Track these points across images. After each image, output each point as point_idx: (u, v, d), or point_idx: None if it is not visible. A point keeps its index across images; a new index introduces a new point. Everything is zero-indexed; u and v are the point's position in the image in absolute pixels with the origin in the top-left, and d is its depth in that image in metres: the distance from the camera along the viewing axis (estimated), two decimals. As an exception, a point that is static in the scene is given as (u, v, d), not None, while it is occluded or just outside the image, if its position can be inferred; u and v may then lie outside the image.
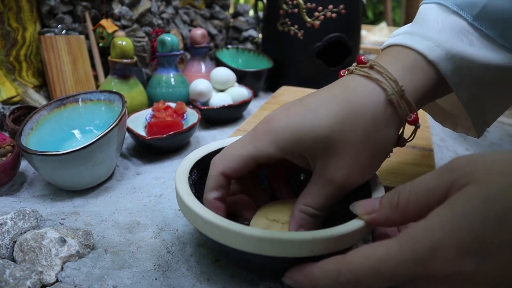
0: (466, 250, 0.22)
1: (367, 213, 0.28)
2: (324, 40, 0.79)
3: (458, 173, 0.24)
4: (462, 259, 0.22)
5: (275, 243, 0.27)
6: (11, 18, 0.61)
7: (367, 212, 0.28)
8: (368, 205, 0.29)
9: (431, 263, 0.22)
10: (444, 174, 0.25)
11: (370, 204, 0.29)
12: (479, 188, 0.23)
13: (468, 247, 0.22)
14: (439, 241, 0.22)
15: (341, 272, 0.25)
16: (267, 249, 0.27)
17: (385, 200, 0.28)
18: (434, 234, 0.23)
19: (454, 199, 0.23)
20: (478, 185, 0.23)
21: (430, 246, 0.22)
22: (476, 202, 0.22)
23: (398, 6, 3.28)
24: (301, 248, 0.27)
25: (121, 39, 0.62)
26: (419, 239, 0.23)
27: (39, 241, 0.33)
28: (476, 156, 0.25)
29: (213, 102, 0.67)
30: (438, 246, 0.22)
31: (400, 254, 0.23)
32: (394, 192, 0.27)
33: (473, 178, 0.23)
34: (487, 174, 0.23)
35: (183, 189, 0.32)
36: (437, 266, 0.22)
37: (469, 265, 0.22)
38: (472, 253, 0.22)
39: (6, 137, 0.50)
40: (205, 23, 0.97)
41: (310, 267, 0.27)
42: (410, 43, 0.32)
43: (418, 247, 0.23)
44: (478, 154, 0.25)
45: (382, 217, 0.28)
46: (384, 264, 0.24)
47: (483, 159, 0.24)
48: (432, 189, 0.25)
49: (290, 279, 0.29)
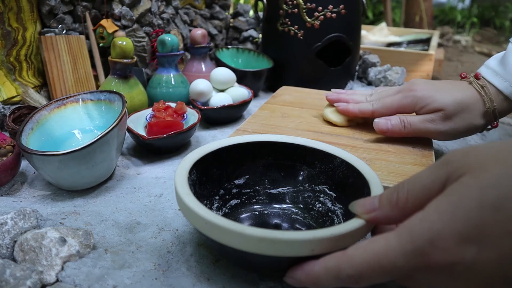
0: (464, 239, 0.22)
1: (366, 212, 0.28)
2: (324, 40, 0.79)
3: (453, 166, 0.24)
4: (461, 248, 0.22)
5: (276, 243, 0.27)
6: (11, 18, 0.61)
7: (366, 211, 0.28)
8: (367, 204, 0.29)
9: (430, 254, 0.23)
10: (440, 168, 0.25)
11: (369, 203, 0.29)
12: (474, 177, 0.23)
13: (466, 235, 0.22)
14: (437, 231, 0.23)
15: (342, 268, 0.25)
16: (268, 249, 0.27)
17: (384, 198, 0.28)
18: (432, 225, 0.23)
19: (450, 189, 0.24)
20: (472, 174, 0.23)
21: (428, 237, 0.23)
22: (472, 191, 0.22)
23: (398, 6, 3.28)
24: (301, 247, 0.27)
25: (121, 39, 0.62)
26: (418, 230, 0.23)
27: (39, 241, 0.34)
28: (469, 148, 0.25)
29: (213, 102, 0.67)
30: (437, 237, 0.23)
31: (400, 246, 0.24)
32: (393, 190, 0.27)
33: (467, 169, 0.24)
34: (481, 164, 0.23)
35: (183, 189, 0.32)
36: (437, 256, 0.23)
37: (468, 254, 0.22)
38: (471, 242, 0.22)
39: (7, 137, 0.50)
40: (205, 23, 0.97)
41: (311, 265, 0.27)
42: (493, 82, 0.49)
43: (417, 238, 0.23)
44: (471, 146, 0.25)
45: (382, 215, 0.28)
46: (385, 257, 0.24)
47: (476, 150, 0.25)
48: (429, 184, 0.25)
49: (291, 278, 0.29)
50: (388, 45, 1.37)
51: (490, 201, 0.22)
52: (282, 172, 0.42)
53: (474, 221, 0.22)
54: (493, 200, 0.22)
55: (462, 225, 0.22)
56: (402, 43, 1.41)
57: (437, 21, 3.53)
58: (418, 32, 1.50)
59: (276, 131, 0.55)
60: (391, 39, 1.43)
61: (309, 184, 0.41)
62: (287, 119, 0.59)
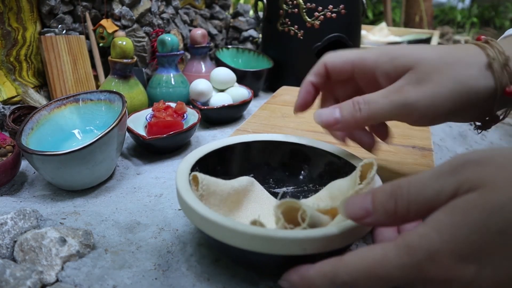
0: (464, 258, 0.22)
1: (357, 218, 0.26)
2: (324, 40, 0.79)
3: (463, 176, 0.23)
4: (460, 266, 0.22)
5: (268, 241, 0.27)
6: (11, 18, 0.61)
7: (357, 217, 0.26)
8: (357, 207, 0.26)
9: (428, 269, 0.22)
10: (447, 177, 0.24)
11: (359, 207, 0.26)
12: (484, 198, 0.22)
13: (466, 255, 0.22)
14: (436, 249, 0.22)
15: (337, 274, 0.25)
16: (261, 246, 0.27)
17: (379, 204, 0.26)
18: (431, 242, 0.22)
19: (455, 206, 0.23)
20: (483, 193, 0.22)
21: (427, 254, 0.22)
22: (479, 214, 0.22)
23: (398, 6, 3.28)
24: (293, 246, 0.27)
25: (121, 39, 0.62)
26: (416, 245, 0.23)
27: (39, 241, 0.34)
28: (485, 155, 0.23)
29: (213, 102, 0.67)
30: (435, 254, 0.22)
31: (398, 258, 0.23)
32: (389, 197, 0.25)
33: (479, 184, 0.22)
34: (495, 181, 0.22)
35: (184, 188, 0.32)
36: (434, 272, 0.22)
37: (467, 272, 0.22)
38: (471, 261, 0.22)
39: (7, 137, 0.50)
40: (205, 23, 0.97)
41: (306, 269, 0.27)
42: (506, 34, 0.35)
43: (415, 252, 0.23)
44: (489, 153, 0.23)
45: (375, 222, 0.26)
46: (381, 267, 0.24)
47: (495, 162, 0.23)
48: (433, 197, 0.24)
49: (285, 282, 0.28)
50: (388, 45, 1.37)
51: (497, 227, 0.21)
52: (286, 172, 0.42)
53: (477, 244, 0.22)
54: (500, 225, 0.21)
55: (463, 245, 0.22)
56: (402, 43, 1.41)
57: (437, 21, 3.54)
58: (418, 32, 1.50)
59: (276, 131, 0.55)
60: (391, 39, 1.43)
61: (313, 184, 0.41)
62: (287, 119, 0.59)
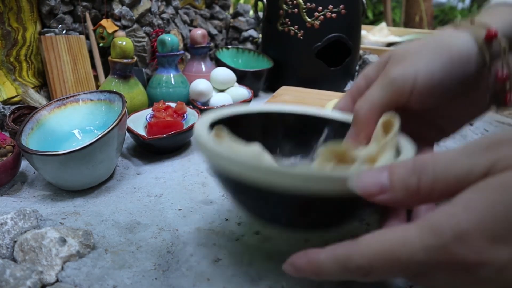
0: (497, 240, 0.20)
1: (371, 194, 0.23)
2: (324, 40, 0.79)
3: (500, 154, 0.21)
4: (493, 249, 0.20)
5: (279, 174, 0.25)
6: (11, 18, 0.61)
7: (370, 192, 0.23)
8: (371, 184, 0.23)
9: (456, 251, 0.20)
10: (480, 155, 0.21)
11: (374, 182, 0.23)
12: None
13: (500, 237, 0.20)
14: (466, 229, 0.20)
15: (351, 257, 0.22)
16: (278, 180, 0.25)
17: (398, 180, 0.23)
18: (460, 222, 0.20)
19: (490, 183, 0.21)
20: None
21: (455, 234, 0.20)
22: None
23: (398, 6, 3.28)
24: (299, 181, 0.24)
25: (121, 39, 0.62)
26: (444, 225, 0.21)
27: (39, 241, 0.34)
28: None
29: (213, 102, 0.67)
30: (465, 234, 0.20)
31: (421, 240, 0.21)
32: (411, 173, 0.23)
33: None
34: None
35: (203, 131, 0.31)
36: (464, 254, 0.20)
37: (501, 254, 0.20)
38: (505, 243, 0.20)
39: (7, 137, 0.50)
40: (205, 23, 0.97)
41: (315, 251, 0.24)
42: None
43: (441, 233, 0.21)
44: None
45: (393, 200, 0.23)
46: (402, 250, 0.21)
47: None
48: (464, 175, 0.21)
49: (291, 266, 0.25)
50: (388, 45, 1.37)
51: None
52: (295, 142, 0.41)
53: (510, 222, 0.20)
54: None
55: (497, 226, 0.20)
56: (402, 43, 1.41)
57: (437, 21, 3.54)
58: (418, 32, 1.50)
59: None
60: (391, 39, 1.43)
61: None
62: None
